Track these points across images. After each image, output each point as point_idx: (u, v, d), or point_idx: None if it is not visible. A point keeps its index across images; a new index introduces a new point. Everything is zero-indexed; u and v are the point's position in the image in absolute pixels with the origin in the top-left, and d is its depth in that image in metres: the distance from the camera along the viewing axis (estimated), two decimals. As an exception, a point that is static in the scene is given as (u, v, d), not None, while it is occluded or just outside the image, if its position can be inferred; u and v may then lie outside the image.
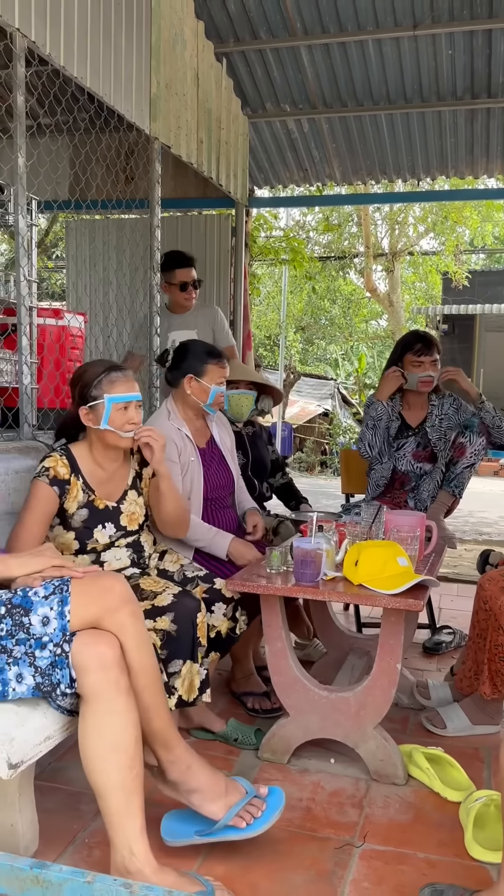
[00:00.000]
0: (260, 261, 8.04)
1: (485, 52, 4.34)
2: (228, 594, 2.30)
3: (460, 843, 1.90)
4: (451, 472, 3.25)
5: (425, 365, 3.17)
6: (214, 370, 2.68)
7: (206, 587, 2.29)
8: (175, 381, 2.70)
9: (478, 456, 3.20)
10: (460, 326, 15.02)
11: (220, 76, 4.34)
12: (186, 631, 2.02)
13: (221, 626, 2.27)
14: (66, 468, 2.15)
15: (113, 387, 2.16)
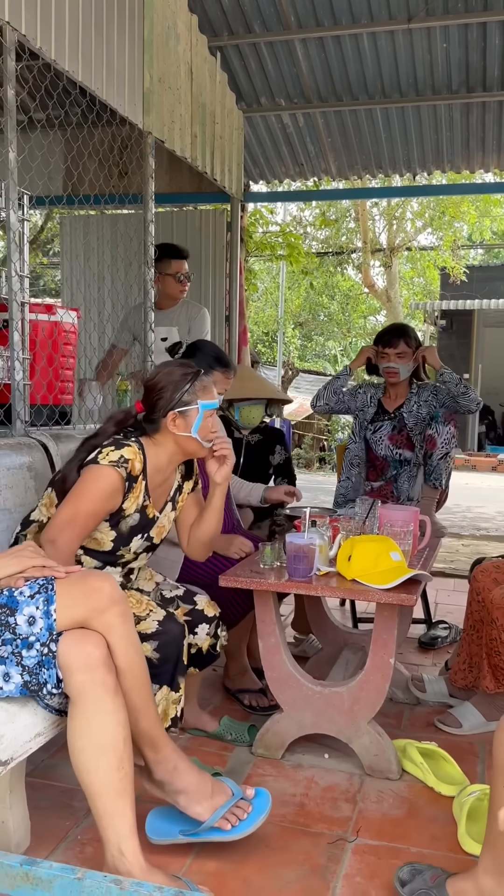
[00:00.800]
0: (256, 256, 8.03)
1: (479, 46, 4.32)
2: (211, 613, 2.21)
3: (454, 838, 1.90)
4: (429, 464, 3.30)
5: (389, 357, 3.31)
6: (219, 379, 2.64)
7: (187, 609, 2.20)
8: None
9: (449, 445, 3.23)
10: (458, 322, 15.00)
11: (215, 70, 4.32)
12: (169, 658, 1.93)
13: (203, 645, 2.20)
14: (141, 465, 1.98)
15: (206, 392, 2.04)
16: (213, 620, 2.21)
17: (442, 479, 3.24)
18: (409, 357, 3.32)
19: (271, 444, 3.33)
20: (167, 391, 2.01)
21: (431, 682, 2.76)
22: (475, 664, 2.56)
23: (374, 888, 1.70)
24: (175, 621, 2.01)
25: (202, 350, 2.70)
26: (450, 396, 3.24)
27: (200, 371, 2.06)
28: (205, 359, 2.64)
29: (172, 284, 3.88)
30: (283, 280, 17.33)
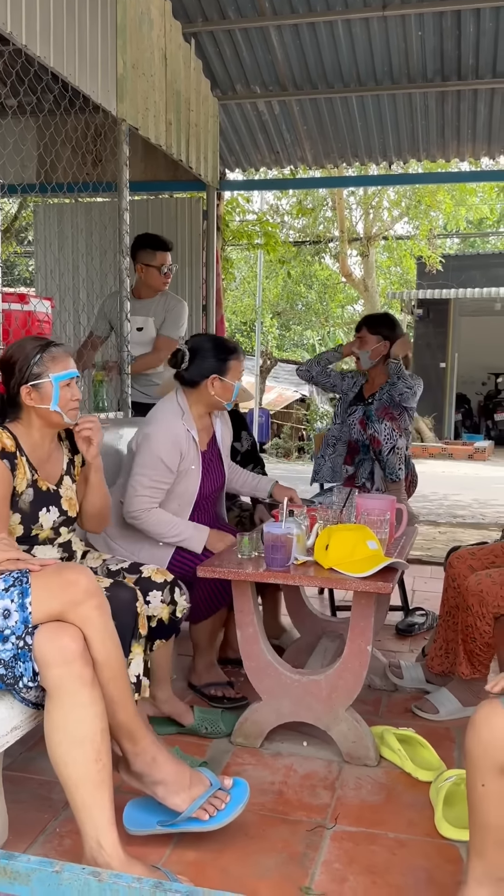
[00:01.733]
0: (233, 245, 8.00)
1: (454, 34, 4.32)
2: (160, 579, 2.17)
3: (431, 823, 1.92)
4: (381, 461, 3.34)
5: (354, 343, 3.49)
6: (236, 366, 2.60)
7: (134, 578, 2.15)
8: (195, 383, 2.58)
9: (392, 438, 3.25)
10: (435, 311, 15.08)
11: (189, 57, 4.28)
12: (126, 623, 1.87)
13: (162, 613, 2.14)
14: (12, 442, 1.98)
15: (56, 364, 2.01)
16: (165, 586, 2.15)
17: (396, 472, 3.26)
18: (371, 344, 3.40)
19: (237, 430, 3.30)
20: (17, 366, 2.01)
21: (408, 669, 2.79)
22: (451, 650, 2.59)
23: (353, 874, 1.72)
24: (124, 586, 1.97)
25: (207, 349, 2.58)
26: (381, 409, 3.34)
27: (50, 343, 2.05)
28: (217, 354, 2.57)
29: (157, 276, 3.85)
30: (260, 269, 17.27)
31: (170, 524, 2.52)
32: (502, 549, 2.58)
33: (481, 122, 4.92)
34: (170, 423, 2.55)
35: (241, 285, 19.62)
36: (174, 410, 2.58)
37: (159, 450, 2.50)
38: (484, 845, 1.44)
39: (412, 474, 3.47)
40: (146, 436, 2.54)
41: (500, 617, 2.29)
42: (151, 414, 2.62)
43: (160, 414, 2.60)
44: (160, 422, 2.56)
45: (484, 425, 16.51)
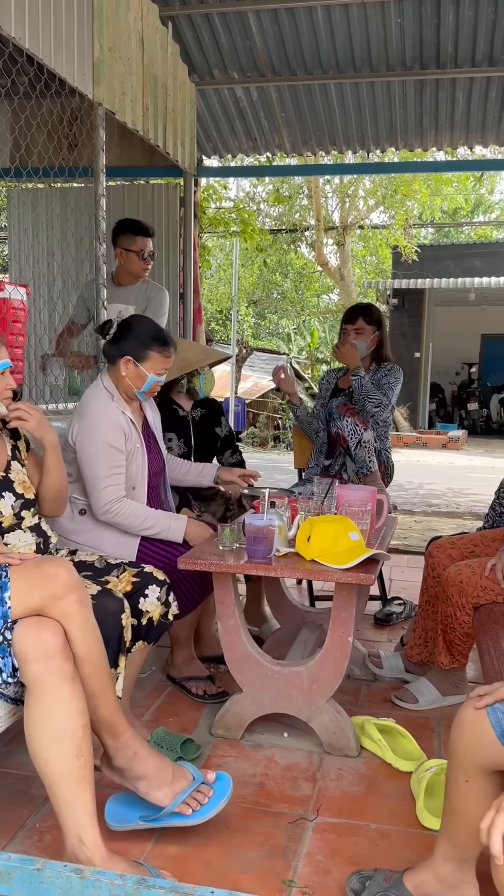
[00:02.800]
0: (210, 232, 7.93)
1: (433, 22, 4.29)
2: (161, 577, 2.15)
3: (412, 813, 1.93)
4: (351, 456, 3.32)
5: (349, 332, 3.48)
6: (157, 359, 2.46)
7: (135, 571, 2.13)
8: (112, 359, 2.49)
9: (357, 434, 3.25)
10: (410, 301, 15.13)
11: (166, 41, 4.21)
12: (111, 635, 1.83)
13: (154, 612, 2.11)
14: None
15: None
16: (164, 584, 2.12)
17: (367, 465, 3.25)
18: (369, 334, 3.45)
19: (215, 416, 3.28)
20: None
21: (388, 658, 2.80)
22: (430, 639, 2.61)
23: (335, 865, 1.72)
24: (111, 596, 1.93)
25: (136, 328, 2.48)
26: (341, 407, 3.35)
27: None
28: (141, 337, 2.46)
29: (136, 262, 3.84)
30: (236, 257, 17.18)
31: (146, 515, 2.46)
32: (481, 538, 2.59)
33: (459, 112, 4.92)
34: (102, 407, 2.45)
35: (217, 273, 19.52)
36: (103, 395, 2.48)
37: (102, 435, 2.40)
38: (454, 829, 1.49)
39: (386, 466, 3.47)
40: (83, 428, 2.42)
41: (480, 607, 2.30)
42: (81, 405, 2.50)
43: (90, 402, 2.48)
44: (93, 409, 2.44)
45: (457, 415, 16.65)
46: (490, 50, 4.45)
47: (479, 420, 16.13)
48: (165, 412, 3.14)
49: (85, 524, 2.46)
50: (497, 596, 2.24)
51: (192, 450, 3.17)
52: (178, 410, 3.18)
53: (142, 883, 1.29)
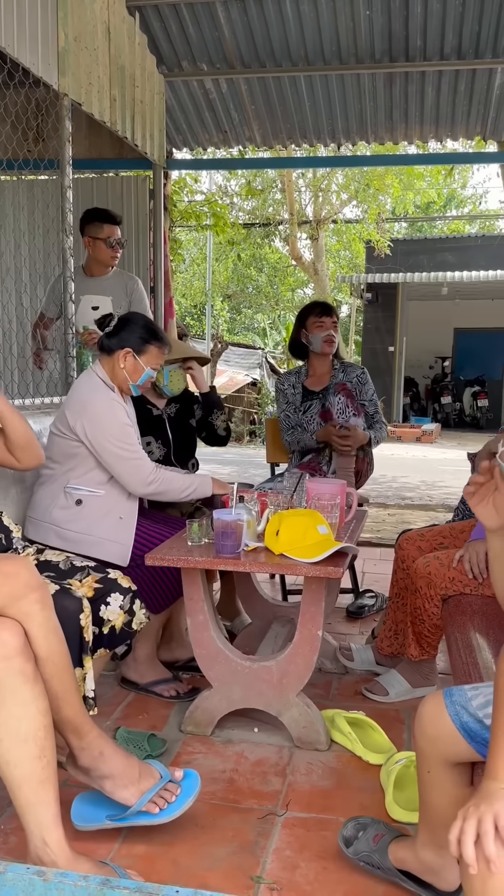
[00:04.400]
0: (181, 226, 7.89)
1: (402, 14, 4.29)
2: (125, 584, 2.10)
3: (382, 806, 1.93)
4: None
5: (326, 324, 3.37)
6: (155, 353, 2.54)
7: (98, 577, 2.08)
8: (111, 350, 2.53)
9: (345, 416, 3.24)
10: (383, 295, 15.17)
11: (133, 31, 4.16)
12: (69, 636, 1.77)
13: (117, 621, 2.04)
14: None
15: None
16: (128, 592, 2.08)
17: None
18: (334, 328, 3.42)
19: (190, 407, 3.24)
20: None
21: (359, 651, 2.80)
22: (401, 631, 2.61)
23: (304, 860, 1.71)
24: (70, 595, 1.89)
25: (135, 322, 2.57)
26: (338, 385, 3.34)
27: None
28: (138, 331, 2.53)
29: (104, 250, 3.82)
30: (210, 251, 17.13)
31: (181, 477, 2.56)
32: (450, 530, 2.60)
33: (429, 105, 4.92)
34: (105, 395, 2.49)
35: (191, 268, 19.46)
36: (100, 386, 2.51)
37: (115, 417, 2.46)
38: (429, 819, 1.52)
39: (369, 458, 3.44)
40: (92, 419, 2.43)
41: (448, 599, 2.31)
42: (81, 397, 2.49)
43: (91, 393, 2.50)
44: (97, 399, 2.47)
45: (431, 408, 16.76)
46: (458, 43, 4.46)
47: (453, 413, 16.25)
48: (140, 413, 3.11)
49: (81, 514, 2.45)
50: (465, 587, 2.25)
51: (171, 450, 3.13)
52: (151, 410, 3.15)
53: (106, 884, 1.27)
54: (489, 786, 1.14)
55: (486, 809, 1.08)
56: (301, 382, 3.50)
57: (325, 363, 3.47)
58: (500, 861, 1.03)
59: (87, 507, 2.46)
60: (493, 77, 4.67)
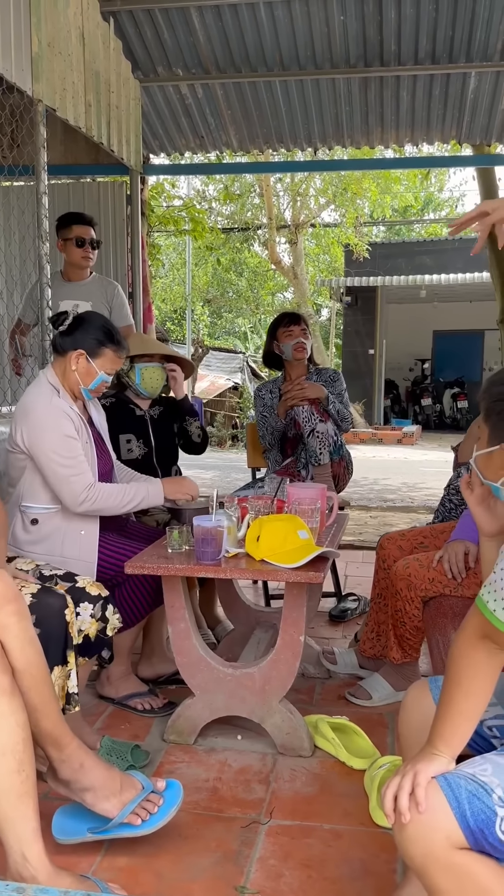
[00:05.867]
0: (160, 231, 7.87)
1: (376, 19, 4.31)
2: (94, 592, 2.07)
3: (365, 812, 1.92)
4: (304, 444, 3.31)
5: (294, 332, 3.42)
6: (110, 357, 2.41)
7: (66, 586, 2.03)
8: (63, 351, 2.39)
9: (311, 422, 3.25)
10: (363, 298, 15.25)
11: (108, 37, 4.14)
12: (52, 633, 1.78)
13: (89, 629, 2.01)
14: None
15: None
16: (98, 600, 2.04)
17: (317, 457, 3.24)
18: (306, 335, 3.46)
19: (173, 411, 3.21)
20: None
21: (342, 655, 2.80)
22: (383, 632, 2.61)
23: (288, 869, 1.70)
24: (53, 592, 1.86)
25: (93, 323, 2.42)
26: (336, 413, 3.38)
27: None
28: (94, 332, 2.39)
29: (74, 250, 3.85)
30: (189, 256, 17.12)
31: (122, 490, 2.38)
32: (431, 531, 2.60)
33: (404, 109, 4.95)
34: (48, 402, 2.34)
35: (171, 272, 19.43)
36: (47, 390, 2.37)
37: (55, 428, 2.30)
38: None
39: (346, 461, 3.46)
40: (32, 427, 2.30)
41: (429, 601, 2.31)
42: (24, 404, 2.37)
43: (34, 399, 2.36)
44: (38, 406, 2.33)
45: (412, 410, 16.85)
46: (433, 48, 4.48)
47: (433, 415, 16.35)
48: (122, 413, 3.09)
49: (39, 533, 2.36)
50: (444, 588, 2.25)
51: (153, 450, 3.11)
52: (134, 410, 3.12)
53: (86, 899, 1.26)
54: (424, 749, 1.24)
55: (410, 768, 1.20)
56: (279, 388, 3.52)
57: (300, 369, 3.52)
58: (410, 813, 1.14)
59: (45, 526, 2.36)
60: (468, 81, 4.71)
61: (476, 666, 1.24)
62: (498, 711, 1.38)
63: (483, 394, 1.33)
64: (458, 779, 1.17)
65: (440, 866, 1.12)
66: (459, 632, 1.28)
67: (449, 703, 1.24)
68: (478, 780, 1.16)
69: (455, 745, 1.23)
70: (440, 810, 1.13)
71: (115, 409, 3.04)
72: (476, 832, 1.12)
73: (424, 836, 1.13)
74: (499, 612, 1.17)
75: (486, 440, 1.32)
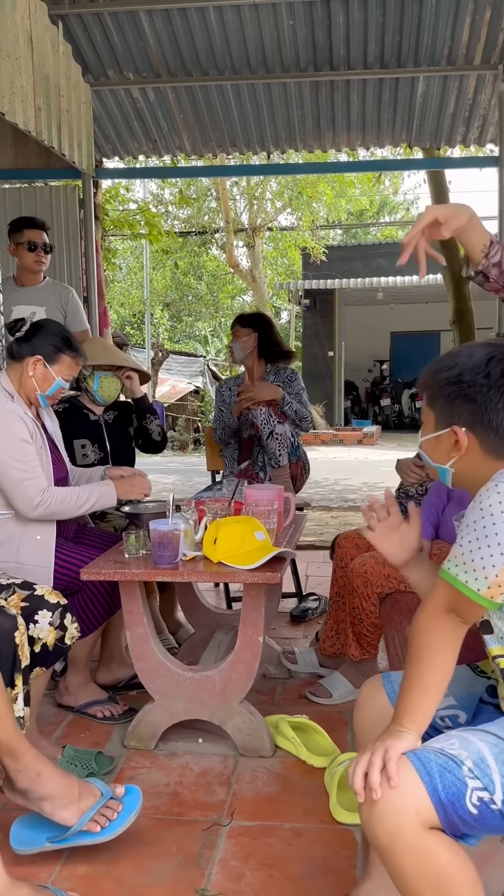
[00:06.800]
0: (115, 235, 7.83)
1: (325, 24, 4.35)
2: (53, 600, 2.02)
3: (326, 809, 1.93)
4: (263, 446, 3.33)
5: (239, 334, 3.53)
6: (68, 363, 2.40)
7: (24, 594, 1.99)
8: (20, 356, 2.37)
9: (270, 424, 3.27)
10: (321, 301, 15.35)
11: (57, 40, 4.11)
12: (3, 654, 1.73)
13: (48, 638, 1.95)
14: None
15: None
16: (57, 608, 2.01)
17: (276, 458, 3.26)
18: (243, 336, 3.50)
19: (128, 414, 3.20)
20: None
21: (302, 654, 2.81)
22: (342, 631, 2.63)
23: (249, 869, 1.70)
24: (4, 613, 1.83)
25: (48, 329, 2.43)
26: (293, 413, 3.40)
27: None
28: (51, 339, 2.40)
29: (25, 254, 3.83)
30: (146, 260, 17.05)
31: (76, 492, 2.37)
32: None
33: (355, 113, 5.01)
34: (0, 407, 2.30)
35: (129, 276, 19.32)
36: (1, 397, 2.34)
37: (9, 432, 2.26)
38: None
39: (303, 462, 3.48)
40: None
41: (385, 597, 2.34)
42: None
43: None
44: None
45: (371, 411, 17.01)
46: (381, 52, 4.55)
47: (392, 415, 16.53)
48: (76, 417, 3.06)
49: None
50: (400, 584, 2.28)
51: (109, 455, 3.09)
52: (88, 415, 3.10)
53: (43, 909, 1.24)
54: (390, 727, 1.24)
55: (379, 745, 1.19)
56: (238, 383, 3.57)
57: (258, 368, 3.54)
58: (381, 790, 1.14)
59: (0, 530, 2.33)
60: (416, 85, 4.78)
61: (440, 640, 1.25)
62: (450, 702, 1.41)
63: (427, 380, 1.36)
64: (428, 753, 1.18)
65: (406, 846, 1.11)
66: (422, 608, 1.29)
67: (413, 680, 1.25)
68: (447, 754, 1.17)
69: (420, 722, 1.23)
70: (412, 785, 1.13)
71: (68, 415, 3.01)
72: (447, 805, 1.12)
73: (394, 813, 1.12)
74: (470, 581, 1.19)
75: (433, 425, 1.35)
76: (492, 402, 1.26)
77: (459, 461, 1.32)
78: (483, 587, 1.18)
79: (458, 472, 1.34)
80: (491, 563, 1.17)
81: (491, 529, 1.18)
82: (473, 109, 4.94)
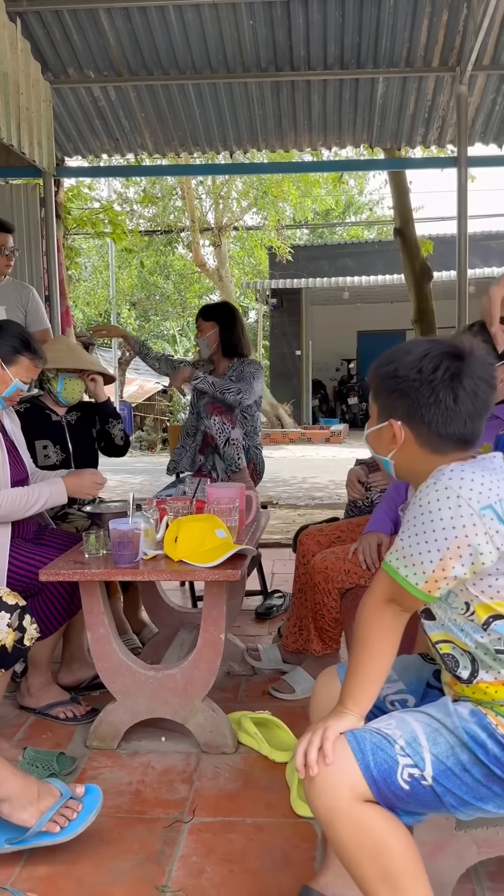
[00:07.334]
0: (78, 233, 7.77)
1: (284, 24, 4.37)
2: (11, 601, 1.98)
3: (287, 804, 1.95)
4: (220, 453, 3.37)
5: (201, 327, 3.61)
6: (26, 365, 2.40)
7: None
8: None
9: (225, 432, 3.33)
10: (288, 300, 15.42)
11: (15, 37, 4.07)
12: None
13: (6, 640, 1.90)
14: None
15: None
16: (16, 609, 1.97)
17: (236, 463, 3.32)
18: (207, 330, 3.56)
19: (91, 416, 3.18)
20: None
21: (266, 651, 2.83)
22: (304, 627, 2.65)
23: (210, 865, 1.71)
24: None
25: (7, 331, 2.42)
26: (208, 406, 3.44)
27: None
28: (10, 340, 2.39)
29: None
30: (112, 259, 16.95)
31: (26, 492, 2.36)
32: (347, 525, 2.66)
33: (316, 113, 5.03)
34: None
35: (94, 276, 19.19)
36: None
37: None
38: None
39: (255, 463, 3.52)
40: None
41: (346, 592, 2.36)
42: None
43: None
44: None
45: (339, 409, 17.12)
46: (341, 53, 4.58)
47: (360, 413, 16.66)
48: (38, 418, 3.03)
49: None
50: (360, 579, 2.30)
51: (71, 456, 3.07)
52: (51, 415, 3.08)
53: (-1, 910, 1.24)
54: (335, 709, 1.30)
55: (321, 726, 1.26)
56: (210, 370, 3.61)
57: (222, 362, 3.59)
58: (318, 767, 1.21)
59: None
60: (376, 86, 4.82)
61: (382, 629, 1.31)
62: (399, 687, 1.45)
63: (371, 374, 1.39)
64: (364, 733, 1.25)
65: (342, 817, 1.19)
66: (365, 598, 1.35)
67: (357, 665, 1.31)
68: (382, 733, 1.25)
69: (363, 705, 1.30)
70: (346, 763, 1.21)
71: (30, 415, 2.99)
72: (379, 781, 1.20)
73: (330, 788, 1.20)
74: (409, 576, 1.24)
75: (376, 417, 1.38)
76: (423, 398, 1.29)
77: (398, 454, 1.37)
78: (421, 582, 1.24)
79: (398, 464, 1.39)
80: (429, 559, 1.22)
81: (429, 526, 1.22)
82: (432, 111, 5.00)
